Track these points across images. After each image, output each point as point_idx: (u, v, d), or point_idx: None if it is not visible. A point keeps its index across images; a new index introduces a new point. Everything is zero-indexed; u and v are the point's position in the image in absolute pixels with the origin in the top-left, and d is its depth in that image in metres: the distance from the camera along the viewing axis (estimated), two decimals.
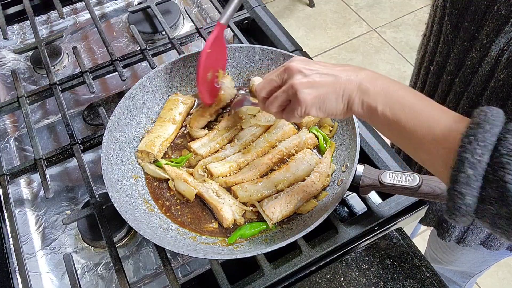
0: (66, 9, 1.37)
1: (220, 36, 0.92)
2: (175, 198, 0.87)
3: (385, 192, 0.80)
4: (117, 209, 0.77)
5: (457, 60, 0.86)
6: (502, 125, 0.49)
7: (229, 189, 0.87)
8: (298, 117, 0.69)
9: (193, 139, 0.95)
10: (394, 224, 0.83)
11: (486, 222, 0.50)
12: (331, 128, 0.94)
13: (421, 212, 0.87)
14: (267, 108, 0.72)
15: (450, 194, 0.50)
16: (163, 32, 1.25)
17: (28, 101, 1.08)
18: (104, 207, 0.88)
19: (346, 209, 0.92)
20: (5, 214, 0.90)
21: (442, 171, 0.54)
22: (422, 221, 1.12)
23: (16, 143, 1.11)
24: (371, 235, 0.82)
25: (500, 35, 0.74)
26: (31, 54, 1.25)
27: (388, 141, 1.17)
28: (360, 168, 0.80)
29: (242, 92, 1.00)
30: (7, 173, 0.95)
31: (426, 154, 0.57)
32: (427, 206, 0.86)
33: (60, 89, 1.09)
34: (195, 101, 1.01)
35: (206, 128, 0.97)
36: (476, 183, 0.48)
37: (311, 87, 0.65)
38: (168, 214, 0.86)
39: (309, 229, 0.73)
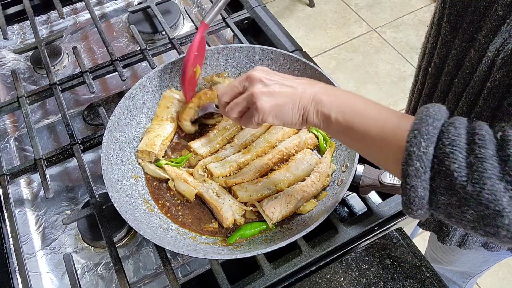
0: (66, 9, 1.37)
1: (203, 36, 0.95)
2: (175, 198, 0.87)
3: (385, 192, 0.80)
4: (117, 209, 0.77)
5: (456, 61, 0.86)
6: (445, 119, 0.52)
7: (229, 189, 0.87)
8: (254, 124, 0.72)
9: (184, 133, 0.96)
10: (394, 224, 0.83)
11: (441, 213, 0.52)
12: None
13: None
14: (228, 114, 0.75)
15: (403, 188, 0.52)
16: (163, 32, 1.25)
17: (28, 101, 1.08)
18: (104, 207, 0.88)
19: (346, 209, 0.92)
20: (5, 214, 0.90)
21: (395, 167, 0.56)
22: (422, 226, 1.12)
23: (16, 143, 1.11)
24: (371, 235, 0.82)
25: (497, 36, 0.75)
26: (31, 54, 1.25)
27: None
28: (360, 168, 0.80)
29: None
30: (7, 173, 0.95)
31: (379, 153, 0.61)
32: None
33: (60, 89, 1.09)
34: None
35: (198, 125, 0.97)
36: (425, 175, 0.50)
37: (269, 96, 0.68)
38: (168, 214, 0.85)
39: (309, 229, 0.73)
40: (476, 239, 1.04)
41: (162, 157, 0.93)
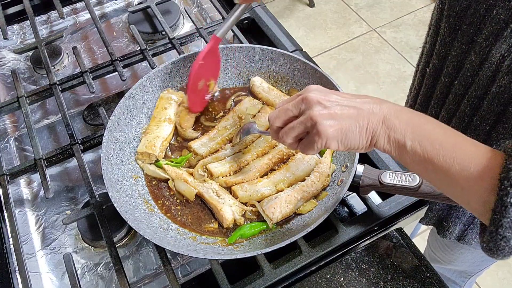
0: (66, 9, 1.37)
1: (215, 49, 0.93)
2: (175, 198, 0.87)
3: (385, 192, 0.80)
4: (117, 209, 0.77)
5: (456, 62, 0.86)
6: None
7: (229, 189, 0.87)
8: (316, 150, 0.65)
9: (184, 139, 0.96)
10: (394, 224, 0.83)
11: None
12: None
13: (421, 212, 0.87)
14: (281, 139, 0.69)
15: (492, 236, 0.51)
16: (163, 32, 1.25)
17: (28, 101, 1.08)
18: (104, 207, 0.88)
19: (346, 209, 0.92)
20: (5, 214, 0.90)
21: (478, 208, 0.54)
22: (422, 220, 1.12)
23: (16, 143, 1.11)
24: (371, 235, 0.82)
25: (499, 40, 0.74)
26: (31, 54, 1.25)
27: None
28: (360, 168, 0.80)
29: (251, 121, 0.95)
30: (7, 173, 0.95)
31: (460, 191, 0.57)
32: (427, 206, 0.86)
33: (60, 89, 1.09)
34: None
35: (200, 129, 0.97)
36: None
37: (332, 119, 0.62)
38: (168, 214, 0.85)
39: (309, 229, 0.73)
40: (476, 235, 1.04)
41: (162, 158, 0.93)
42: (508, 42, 0.73)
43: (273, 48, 0.99)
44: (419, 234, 2.00)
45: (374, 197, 0.89)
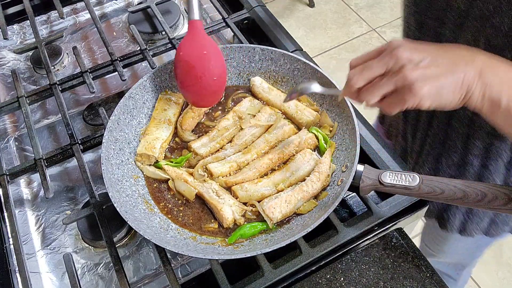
0: (66, 9, 1.37)
1: (197, 34, 0.83)
2: (176, 198, 0.87)
3: (385, 192, 0.80)
4: (117, 209, 0.77)
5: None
6: None
7: (229, 189, 0.87)
8: (402, 109, 0.62)
9: (182, 141, 0.95)
10: (394, 224, 0.83)
11: None
12: (331, 128, 0.94)
13: (421, 212, 0.87)
14: (363, 98, 0.64)
15: None
16: (163, 32, 1.25)
17: (28, 101, 1.08)
18: (104, 207, 0.88)
19: (346, 209, 0.92)
20: (5, 214, 0.90)
21: None
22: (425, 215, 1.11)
23: (16, 143, 1.11)
24: (371, 235, 0.82)
25: (463, 30, 0.73)
26: (31, 54, 1.25)
27: (388, 141, 1.17)
28: (360, 168, 0.80)
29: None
30: (7, 173, 0.95)
31: None
32: (427, 206, 0.86)
33: (60, 89, 1.09)
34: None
35: (199, 129, 0.97)
36: None
37: (427, 78, 0.58)
38: (169, 215, 0.85)
39: (309, 229, 0.73)
40: (476, 226, 1.02)
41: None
42: (471, 31, 0.71)
43: (273, 48, 0.99)
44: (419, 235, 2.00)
45: (374, 197, 0.89)
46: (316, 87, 0.80)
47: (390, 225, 0.83)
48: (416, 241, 0.86)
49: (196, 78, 0.86)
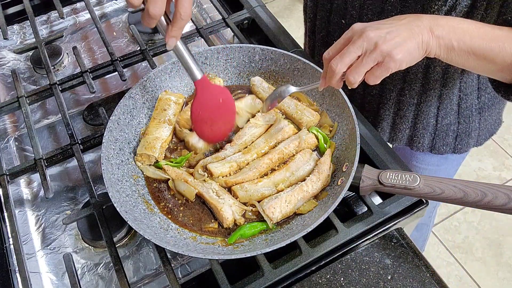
0: (66, 9, 1.37)
1: (204, 91, 0.83)
2: (176, 198, 0.87)
3: (385, 192, 0.80)
4: (117, 209, 0.77)
5: (375, 7, 0.93)
6: None
7: (229, 189, 0.87)
8: (387, 75, 0.73)
9: (180, 140, 0.96)
10: (394, 224, 0.83)
11: None
12: (331, 128, 0.94)
13: (421, 212, 0.87)
14: (349, 79, 0.73)
15: None
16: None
17: (28, 101, 1.08)
18: (104, 207, 0.88)
19: (346, 209, 0.92)
20: (5, 214, 0.90)
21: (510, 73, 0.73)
22: (393, 142, 1.18)
23: (16, 143, 1.11)
24: (371, 235, 0.82)
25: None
26: (31, 54, 1.25)
27: (388, 141, 1.17)
28: (360, 168, 0.80)
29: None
30: (7, 173, 0.95)
31: (496, 68, 0.73)
32: (427, 206, 0.86)
33: (60, 89, 1.09)
34: (185, 98, 1.01)
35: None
36: None
37: (398, 45, 0.69)
38: (169, 216, 0.85)
39: (309, 229, 0.73)
40: (443, 142, 1.14)
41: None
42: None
43: (273, 48, 0.99)
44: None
45: (374, 197, 0.89)
46: (293, 88, 0.89)
47: (390, 225, 0.83)
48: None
49: (212, 125, 0.88)
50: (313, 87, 0.87)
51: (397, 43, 0.69)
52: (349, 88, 0.75)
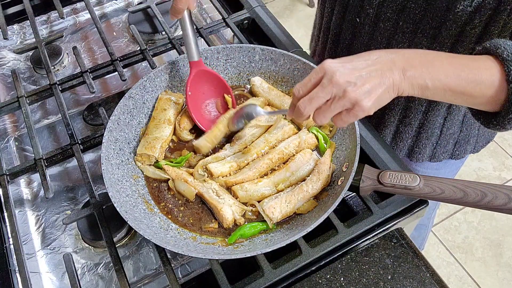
0: (66, 9, 1.37)
1: (201, 71, 0.93)
2: (176, 198, 0.87)
3: (385, 192, 0.80)
4: (117, 209, 0.77)
5: (396, 5, 0.90)
6: None
7: (229, 189, 0.87)
8: (355, 120, 0.72)
9: (179, 140, 0.96)
10: (394, 224, 0.83)
11: None
12: (331, 128, 0.94)
13: (421, 212, 0.87)
14: (315, 120, 0.73)
15: (506, 118, 0.71)
16: (163, 32, 1.25)
17: (28, 101, 1.08)
18: (104, 207, 0.88)
19: (346, 209, 0.92)
20: (5, 214, 0.90)
21: (490, 106, 0.72)
22: (394, 151, 1.16)
23: (16, 143, 1.11)
24: (371, 235, 0.82)
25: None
26: (31, 54, 1.25)
27: (388, 141, 1.17)
28: (360, 168, 0.80)
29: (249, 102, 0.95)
30: (7, 173, 0.95)
31: (474, 99, 0.72)
32: (427, 206, 0.86)
33: (60, 89, 1.09)
34: (185, 98, 1.01)
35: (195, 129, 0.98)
36: None
37: (368, 93, 0.68)
38: (169, 216, 0.85)
39: (309, 229, 0.73)
40: (443, 149, 1.13)
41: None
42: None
43: (273, 48, 0.99)
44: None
45: (374, 197, 0.89)
46: (260, 111, 0.88)
47: (390, 225, 0.83)
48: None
49: (205, 106, 0.97)
50: (281, 113, 0.90)
51: (366, 91, 0.67)
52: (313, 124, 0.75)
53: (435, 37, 0.88)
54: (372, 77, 0.68)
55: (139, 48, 1.15)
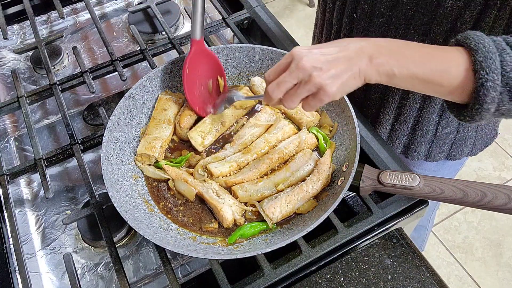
0: (66, 9, 1.37)
1: (200, 50, 0.93)
2: (176, 198, 0.87)
3: (385, 192, 0.80)
4: (117, 209, 0.77)
5: (389, 0, 0.90)
6: (495, 48, 0.66)
7: (229, 189, 0.87)
8: (322, 105, 0.74)
9: (180, 139, 0.96)
10: (394, 224, 0.83)
11: (500, 114, 0.70)
12: (331, 128, 0.94)
13: (421, 212, 0.87)
14: (285, 104, 0.75)
15: (477, 110, 0.68)
16: (163, 32, 1.25)
17: (28, 101, 1.08)
18: (104, 207, 0.88)
19: (346, 209, 0.92)
20: (5, 214, 0.90)
21: (459, 96, 0.71)
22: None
23: (16, 143, 1.11)
24: (371, 235, 0.82)
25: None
26: (31, 54, 1.25)
27: (387, 140, 1.17)
28: (360, 168, 0.80)
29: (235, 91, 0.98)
30: (7, 173, 0.95)
31: (443, 89, 0.71)
32: (427, 206, 0.86)
33: (60, 89, 1.09)
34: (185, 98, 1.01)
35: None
36: (496, 99, 0.67)
37: (333, 78, 0.69)
38: (169, 215, 0.85)
39: (309, 229, 0.73)
40: (439, 149, 1.13)
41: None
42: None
43: (273, 48, 0.99)
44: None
45: (374, 197, 0.89)
46: (240, 95, 0.93)
47: (390, 225, 0.83)
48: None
49: (200, 86, 0.96)
50: (258, 98, 0.93)
51: (331, 75, 0.68)
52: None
53: (427, 33, 0.89)
54: (338, 63, 0.69)
55: (139, 48, 1.15)
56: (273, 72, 0.75)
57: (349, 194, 0.93)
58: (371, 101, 1.09)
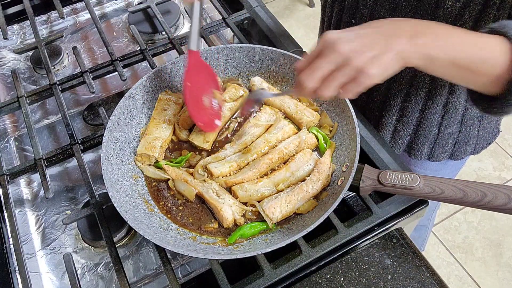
0: (66, 9, 1.37)
1: (197, 62, 0.92)
2: (176, 198, 0.87)
3: (385, 192, 0.80)
4: (117, 209, 0.77)
5: (389, 3, 0.90)
6: None
7: (229, 189, 0.87)
8: (362, 91, 0.69)
9: (179, 140, 0.96)
10: (394, 224, 0.83)
11: None
12: (331, 128, 0.94)
13: (421, 212, 0.87)
14: (321, 93, 0.70)
15: (508, 101, 0.68)
16: (163, 32, 1.25)
17: (28, 101, 1.08)
18: (104, 207, 0.88)
19: (346, 209, 0.92)
20: (5, 214, 0.90)
21: (493, 87, 0.69)
22: (393, 149, 1.16)
23: (16, 143, 1.11)
24: (371, 235, 0.82)
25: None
26: (31, 54, 1.25)
27: (388, 141, 1.17)
28: (360, 168, 0.80)
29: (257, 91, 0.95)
30: (7, 173, 0.95)
31: (478, 78, 0.70)
32: (427, 206, 0.86)
33: (60, 89, 1.09)
34: None
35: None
36: None
37: (373, 59, 0.65)
38: (169, 215, 0.85)
39: (309, 229, 0.73)
40: (442, 149, 1.12)
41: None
42: None
43: (273, 48, 0.99)
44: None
45: (374, 197, 0.89)
46: (266, 94, 0.90)
47: (390, 225, 0.83)
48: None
49: (199, 99, 0.93)
50: (287, 93, 0.90)
51: (371, 57, 0.64)
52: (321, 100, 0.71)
53: None
54: (377, 43, 0.65)
55: (139, 48, 1.15)
56: (305, 61, 0.70)
57: (349, 194, 0.93)
58: (373, 104, 1.09)
